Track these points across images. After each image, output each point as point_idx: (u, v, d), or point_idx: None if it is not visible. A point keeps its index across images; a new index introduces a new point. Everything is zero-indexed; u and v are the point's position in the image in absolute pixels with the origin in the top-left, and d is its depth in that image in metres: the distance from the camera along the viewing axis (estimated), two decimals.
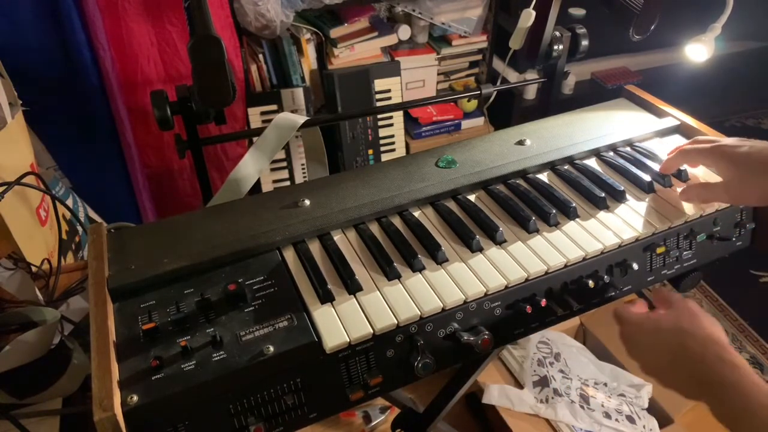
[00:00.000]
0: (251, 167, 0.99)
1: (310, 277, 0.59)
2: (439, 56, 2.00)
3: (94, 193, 1.49)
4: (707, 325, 0.60)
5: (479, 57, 2.09)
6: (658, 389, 1.35)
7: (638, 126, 0.83)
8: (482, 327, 0.60)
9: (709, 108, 2.59)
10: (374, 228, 0.67)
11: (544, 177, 0.75)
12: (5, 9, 1.27)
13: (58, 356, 0.70)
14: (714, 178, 0.73)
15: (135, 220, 1.62)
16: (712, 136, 0.73)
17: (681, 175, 0.75)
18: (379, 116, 1.87)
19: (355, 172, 0.75)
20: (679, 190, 0.72)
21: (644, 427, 1.26)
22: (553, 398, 1.25)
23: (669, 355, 0.59)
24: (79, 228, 1.24)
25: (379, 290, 0.59)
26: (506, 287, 0.60)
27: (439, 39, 2.01)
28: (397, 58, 1.91)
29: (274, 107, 1.73)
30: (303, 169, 1.83)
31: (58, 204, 1.07)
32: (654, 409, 1.33)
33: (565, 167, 0.77)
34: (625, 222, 0.68)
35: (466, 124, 2.06)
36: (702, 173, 0.76)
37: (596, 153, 0.80)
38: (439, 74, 2.04)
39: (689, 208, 0.70)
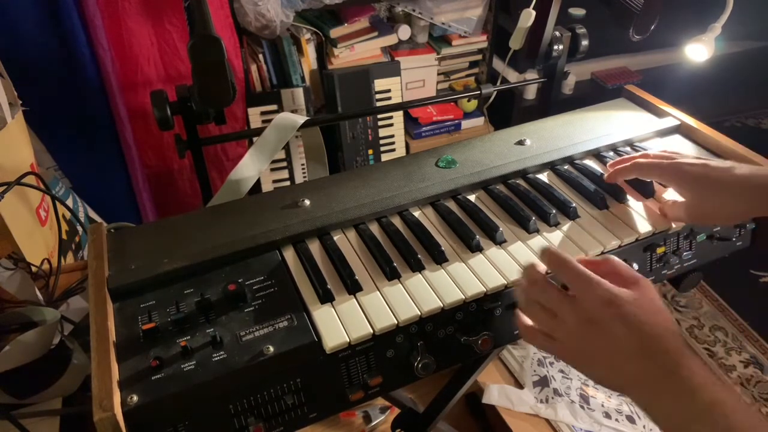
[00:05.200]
0: (251, 167, 0.99)
1: (310, 277, 0.59)
2: (439, 56, 2.00)
3: (94, 193, 1.49)
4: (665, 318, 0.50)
5: (479, 57, 2.09)
6: None
7: (638, 126, 0.83)
8: (482, 327, 0.60)
9: (709, 108, 2.59)
10: (374, 228, 0.67)
11: (544, 177, 0.75)
12: (5, 9, 1.27)
13: (58, 356, 0.70)
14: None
15: (135, 220, 1.62)
16: (667, 152, 0.69)
17: (646, 190, 0.72)
18: (379, 116, 1.87)
19: (355, 172, 0.75)
20: (665, 196, 0.72)
21: (644, 427, 1.26)
22: (553, 398, 1.25)
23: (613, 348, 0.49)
24: (79, 228, 1.24)
25: (379, 290, 0.59)
26: (506, 287, 0.60)
27: (439, 39, 2.01)
28: (397, 58, 1.91)
29: (274, 107, 1.73)
30: (303, 169, 1.83)
31: (58, 204, 1.07)
32: None
33: (565, 167, 0.77)
34: (625, 222, 0.68)
35: (466, 124, 2.06)
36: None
37: (596, 153, 0.80)
38: (439, 74, 2.04)
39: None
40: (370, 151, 1.90)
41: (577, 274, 0.51)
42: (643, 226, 0.67)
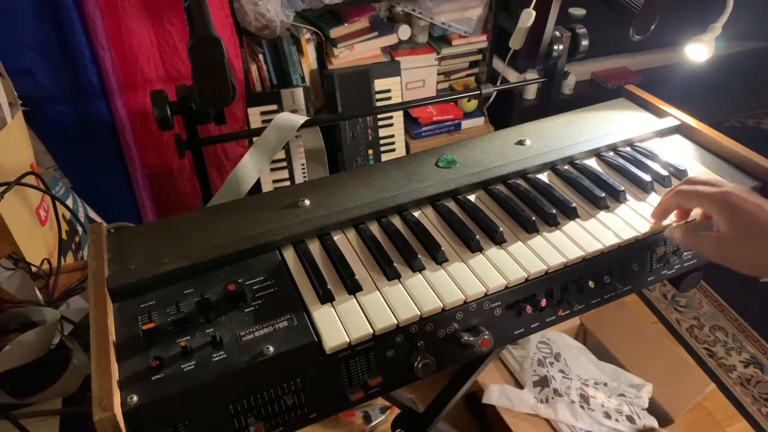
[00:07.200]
0: (251, 167, 0.99)
1: (310, 277, 0.59)
2: (439, 56, 2.00)
3: (94, 193, 1.49)
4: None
5: (479, 57, 2.09)
6: (658, 389, 1.35)
7: (638, 126, 0.83)
8: (482, 327, 0.60)
9: (709, 108, 2.59)
10: (374, 228, 0.67)
11: (544, 177, 0.75)
12: (5, 9, 1.27)
13: (58, 356, 0.71)
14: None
15: (135, 220, 1.62)
16: (708, 178, 0.67)
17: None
18: (379, 116, 1.87)
19: (355, 172, 0.75)
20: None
21: (644, 427, 1.26)
22: (553, 398, 1.25)
23: None
24: (79, 228, 1.24)
25: (379, 290, 0.59)
26: (506, 287, 0.60)
27: (439, 39, 2.01)
28: (397, 58, 1.91)
29: (274, 107, 1.73)
30: (303, 169, 1.83)
31: (58, 204, 1.07)
32: (654, 409, 1.33)
33: (565, 167, 0.77)
34: (625, 222, 0.68)
35: (466, 124, 2.07)
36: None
37: (596, 153, 0.80)
38: (439, 74, 2.04)
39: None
40: (370, 151, 1.90)
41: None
42: (643, 226, 0.67)
